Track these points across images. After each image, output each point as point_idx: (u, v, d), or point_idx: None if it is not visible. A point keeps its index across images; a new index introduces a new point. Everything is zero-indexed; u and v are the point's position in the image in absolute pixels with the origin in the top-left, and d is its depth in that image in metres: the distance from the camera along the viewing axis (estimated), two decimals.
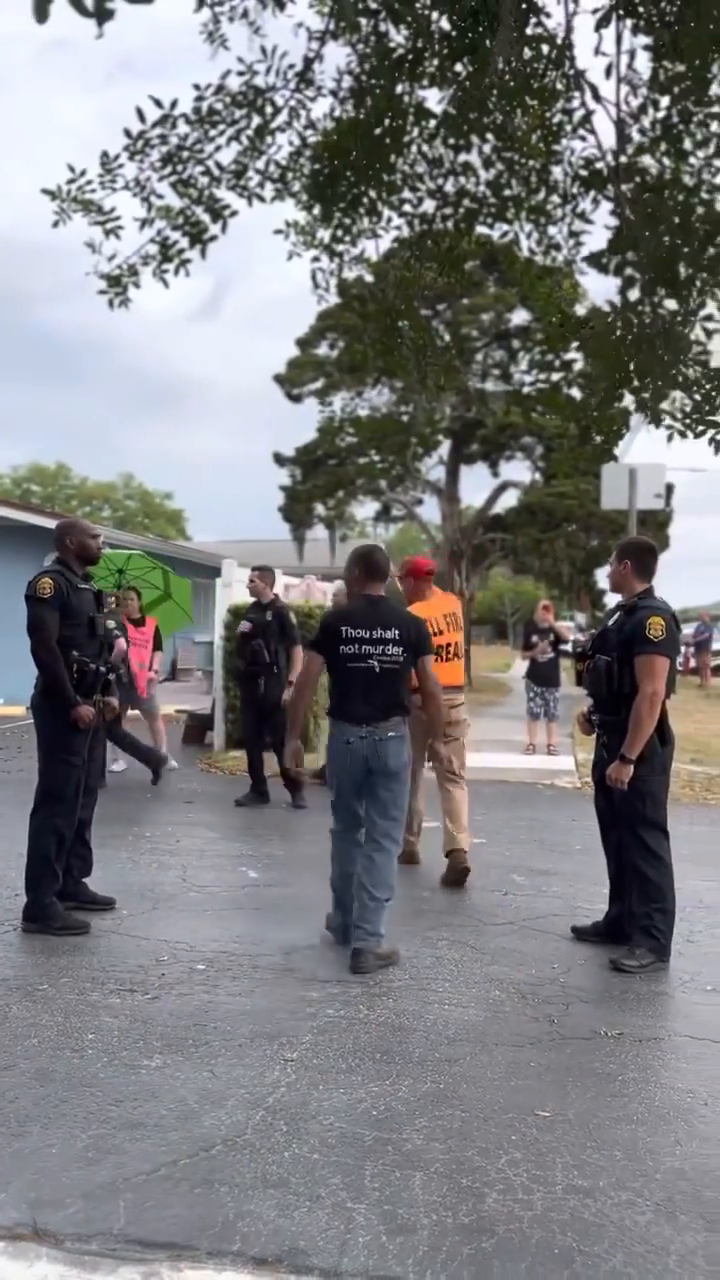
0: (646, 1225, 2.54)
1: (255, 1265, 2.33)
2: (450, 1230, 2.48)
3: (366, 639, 4.72)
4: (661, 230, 3.82)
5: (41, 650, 4.83)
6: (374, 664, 4.71)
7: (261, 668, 8.38)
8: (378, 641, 4.72)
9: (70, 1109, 3.08)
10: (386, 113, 4.36)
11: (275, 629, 8.39)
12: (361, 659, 4.71)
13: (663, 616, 4.58)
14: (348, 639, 4.73)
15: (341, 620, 4.81)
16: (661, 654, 4.54)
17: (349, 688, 4.75)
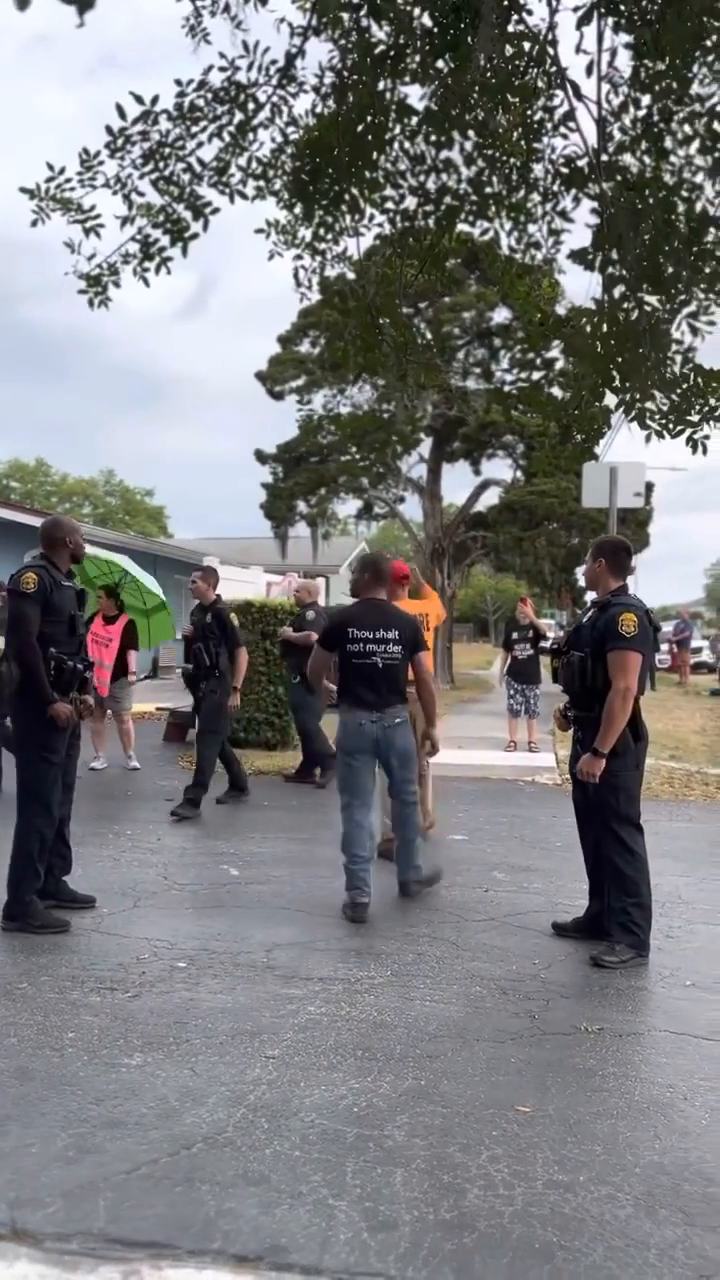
0: (626, 1219, 2.55)
1: (236, 1263, 2.32)
2: (431, 1226, 2.49)
3: (370, 639, 5.38)
4: (644, 228, 3.84)
5: (22, 646, 4.80)
6: (377, 660, 5.38)
7: (203, 671, 8.11)
8: (380, 640, 5.39)
9: (50, 1108, 3.07)
10: (368, 109, 4.35)
11: (216, 631, 8.11)
12: (366, 656, 5.38)
13: (635, 613, 4.66)
14: (354, 639, 5.39)
15: (348, 622, 5.48)
16: (633, 650, 4.61)
17: (356, 680, 5.41)
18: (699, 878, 6.33)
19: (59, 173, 4.56)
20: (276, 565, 20.30)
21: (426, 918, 5.26)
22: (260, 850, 6.74)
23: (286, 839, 7.10)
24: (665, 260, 3.88)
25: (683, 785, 9.85)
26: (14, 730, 5.00)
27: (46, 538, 5.11)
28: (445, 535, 24.50)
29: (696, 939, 5.06)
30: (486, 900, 5.66)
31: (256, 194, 4.90)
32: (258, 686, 11.16)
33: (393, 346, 4.83)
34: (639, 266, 3.86)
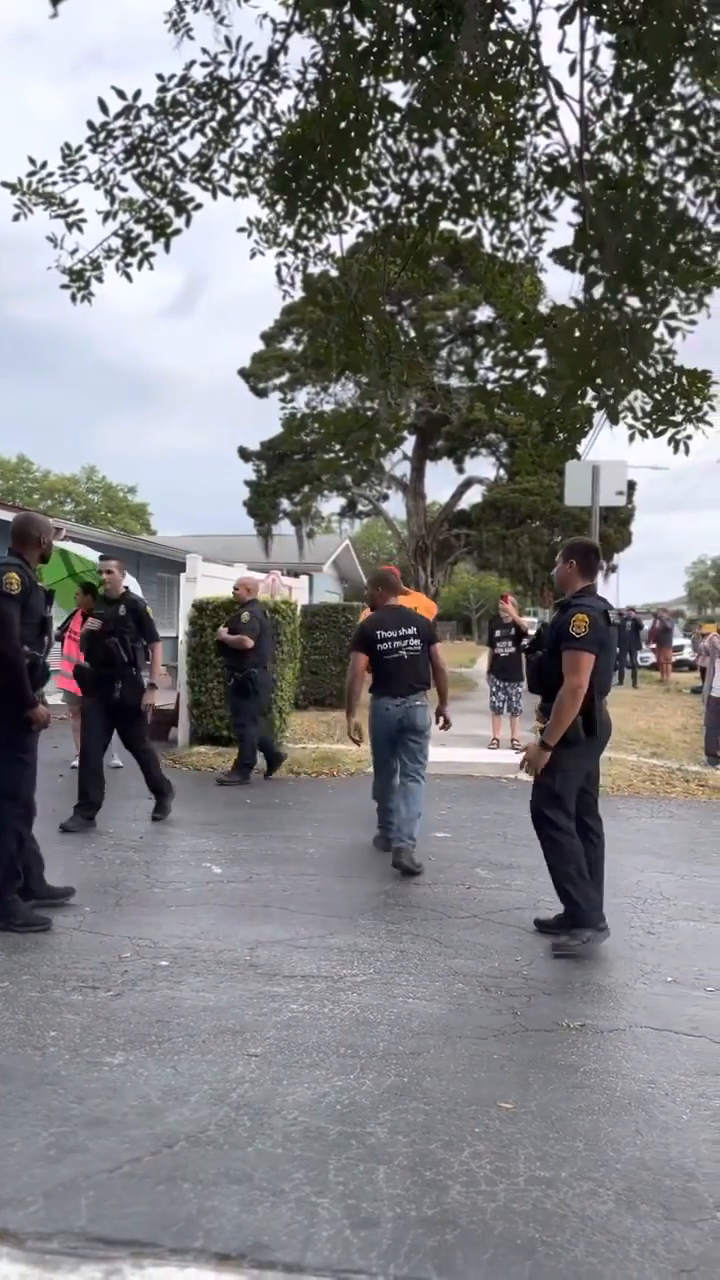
0: (608, 1215, 2.57)
1: (219, 1262, 2.32)
2: (414, 1223, 2.49)
3: (395, 637, 6.54)
4: (625, 227, 3.84)
5: (8, 647, 4.76)
6: (403, 654, 6.52)
7: (117, 668, 7.44)
8: (404, 637, 6.54)
9: (31, 1107, 3.05)
10: (351, 106, 4.34)
11: (131, 624, 7.60)
12: (393, 651, 6.52)
13: (588, 614, 4.79)
14: (381, 639, 6.55)
15: (375, 626, 6.64)
16: (583, 649, 4.76)
17: (387, 673, 6.52)
18: (680, 874, 6.36)
19: (41, 167, 4.53)
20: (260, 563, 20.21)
21: (409, 915, 5.26)
22: (243, 848, 6.73)
23: (269, 837, 7.10)
24: (645, 260, 3.89)
25: (664, 782, 9.90)
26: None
27: (20, 534, 5.03)
28: (429, 533, 24.54)
29: (678, 935, 5.09)
30: (469, 897, 5.68)
31: (239, 191, 4.88)
32: None
33: (375, 344, 4.82)
34: (619, 266, 3.87)
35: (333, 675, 15.97)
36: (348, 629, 16.12)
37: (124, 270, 4.81)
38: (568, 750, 4.86)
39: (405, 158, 4.58)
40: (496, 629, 12.36)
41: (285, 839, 7.07)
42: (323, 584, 31.76)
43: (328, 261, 5.21)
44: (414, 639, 6.55)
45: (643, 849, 7.06)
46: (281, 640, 11.33)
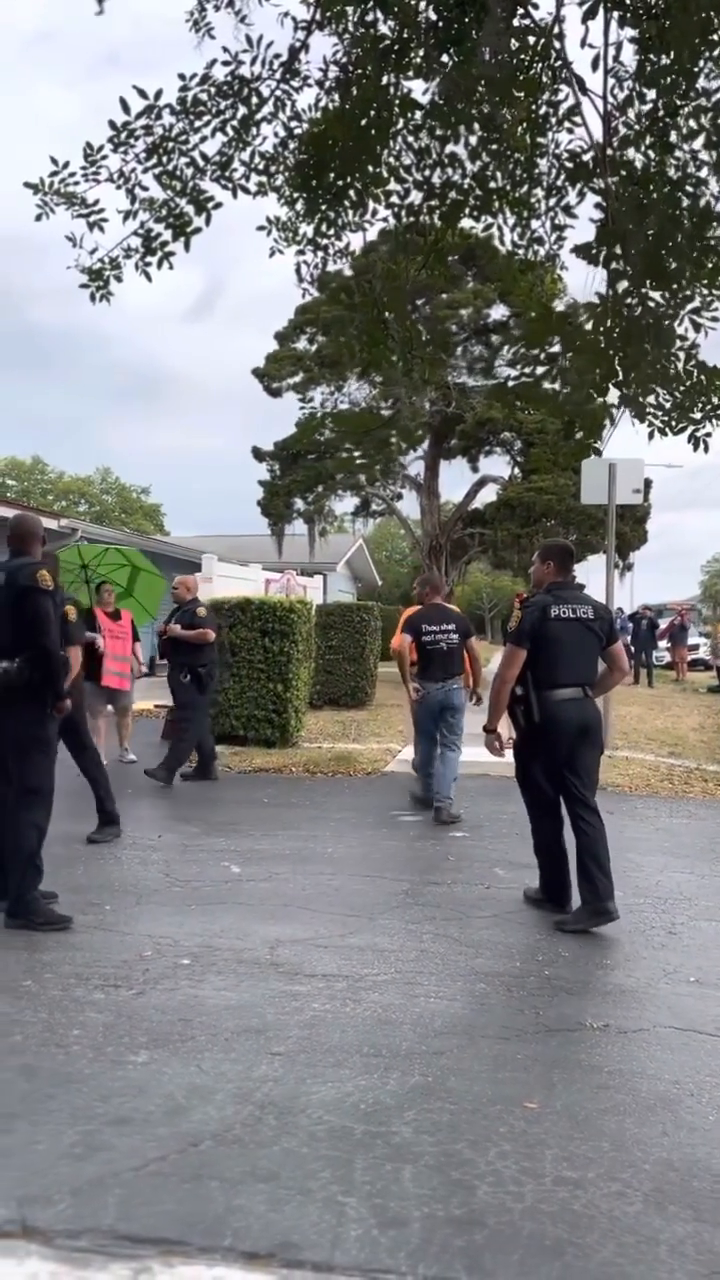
0: (636, 1216, 2.55)
1: (247, 1260, 2.32)
2: (442, 1223, 2.48)
3: (438, 630, 7.86)
4: (648, 223, 3.82)
5: (48, 640, 4.84)
6: (443, 644, 7.83)
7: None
8: (444, 631, 7.86)
9: (57, 1105, 3.06)
10: (373, 103, 4.33)
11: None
12: (436, 642, 7.83)
13: (524, 610, 5.32)
14: (426, 632, 7.84)
15: (422, 619, 7.94)
16: (511, 642, 5.33)
17: (429, 660, 7.84)
18: (701, 874, 6.33)
19: (63, 167, 4.54)
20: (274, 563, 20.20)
21: (429, 914, 5.25)
22: (260, 847, 6.74)
23: (287, 836, 7.09)
24: (669, 256, 3.86)
25: (682, 782, 9.85)
26: (18, 730, 4.94)
27: (26, 533, 5.10)
28: (442, 532, 24.50)
29: (700, 935, 5.06)
30: (488, 897, 5.66)
31: (259, 189, 4.88)
32: (256, 684, 11.17)
33: (398, 341, 4.81)
34: (643, 262, 3.84)
35: (347, 675, 15.97)
36: (362, 629, 16.12)
37: (144, 270, 4.82)
38: (521, 739, 5.44)
39: (427, 155, 4.57)
40: None
41: (303, 838, 7.07)
42: (336, 583, 31.77)
43: (347, 260, 5.21)
44: (453, 633, 7.89)
45: (662, 849, 7.03)
46: (298, 639, 11.34)
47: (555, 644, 5.20)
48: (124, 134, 4.58)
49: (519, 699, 5.28)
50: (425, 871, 6.23)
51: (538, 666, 5.19)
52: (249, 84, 4.63)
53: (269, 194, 4.89)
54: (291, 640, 11.20)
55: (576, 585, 5.51)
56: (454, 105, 4.17)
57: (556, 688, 5.19)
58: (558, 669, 5.21)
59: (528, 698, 5.22)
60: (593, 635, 5.31)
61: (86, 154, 4.52)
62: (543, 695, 5.18)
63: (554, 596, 5.29)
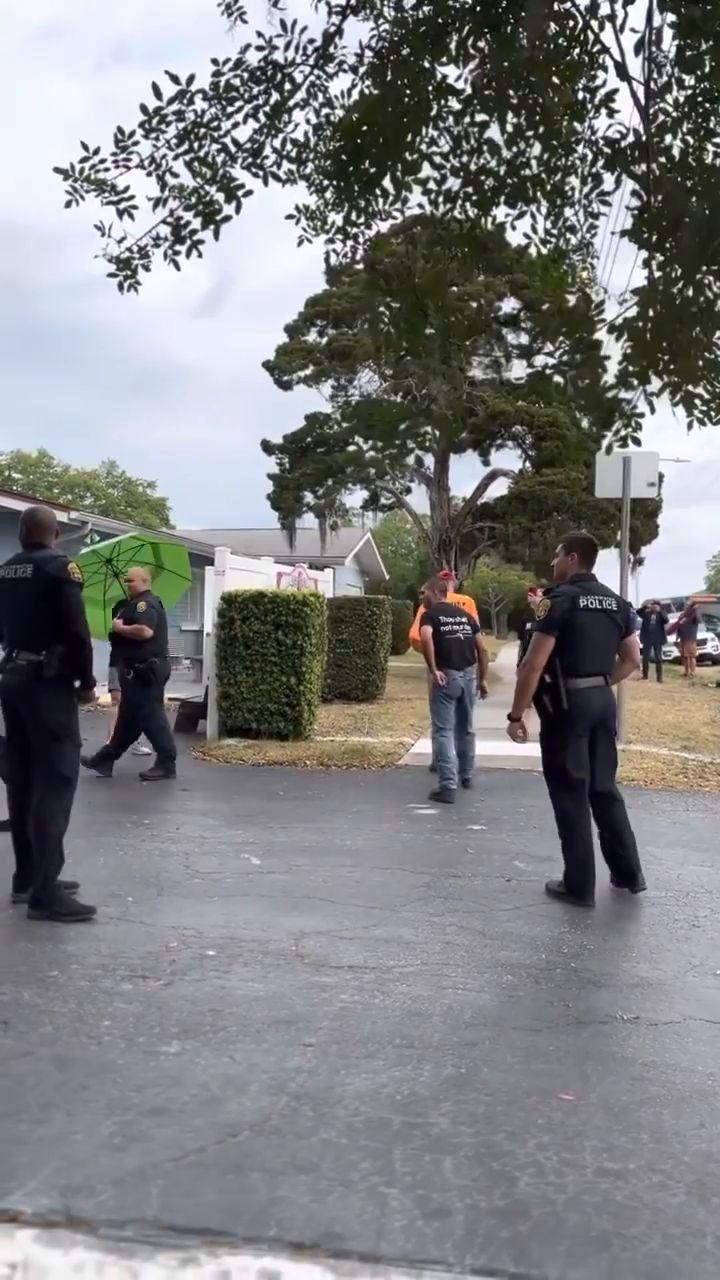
0: (680, 1207, 2.54)
1: (294, 1250, 2.31)
2: (485, 1214, 2.47)
3: (454, 622, 8.88)
4: (696, 207, 3.78)
5: (82, 629, 4.92)
6: (460, 635, 8.83)
7: None
8: (458, 624, 8.89)
9: (92, 1095, 3.05)
10: (409, 89, 4.29)
11: None
12: (453, 633, 8.80)
13: (552, 599, 5.44)
14: (443, 624, 8.80)
15: (440, 612, 8.90)
16: (539, 631, 5.41)
17: (447, 648, 8.71)
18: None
19: (94, 153, 4.51)
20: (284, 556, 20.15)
21: (452, 907, 5.24)
22: (279, 840, 6.73)
23: (304, 829, 7.09)
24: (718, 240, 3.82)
25: (697, 776, 9.83)
26: (49, 719, 4.95)
27: (42, 525, 5.13)
28: (452, 526, 24.44)
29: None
30: (510, 890, 5.65)
31: (289, 177, 4.86)
32: (269, 677, 11.16)
33: (437, 329, 4.79)
34: (692, 245, 3.81)
35: (358, 669, 15.95)
36: (373, 622, 16.09)
37: (172, 259, 4.79)
38: (547, 726, 5.50)
39: (465, 140, 4.53)
40: (527, 621, 12.31)
41: (320, 831, 7.06)
42: (344, 577, 31.74)
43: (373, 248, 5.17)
44: (466, 626, 8.96)
45: (681, 842, 7.01)
46: (311, 633, 11.33)
47: (582, 633, 5.36)
48: (155, 119, 4.55)
49: (547, 686, 5.38)
50: (445, 864, 6.22)
51: (565, 655, 5.33)
52: (282, 69, 4.59)
53: (299, 182, 4.87)
54: (304, 633, 11.19)
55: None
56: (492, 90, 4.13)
57: (581, 675, 5.36)
58: (583, 658, 5.37)
59: (556, 685, 5.34)
60: (614, 626, 5.52)
61: (118, 139, 4.48)
62: (570, 683, 5.34)
63: (580, 588, 5.45)
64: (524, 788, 9.15)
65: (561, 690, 5.33)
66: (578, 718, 5.38)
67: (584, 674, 5.37)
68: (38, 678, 4.88)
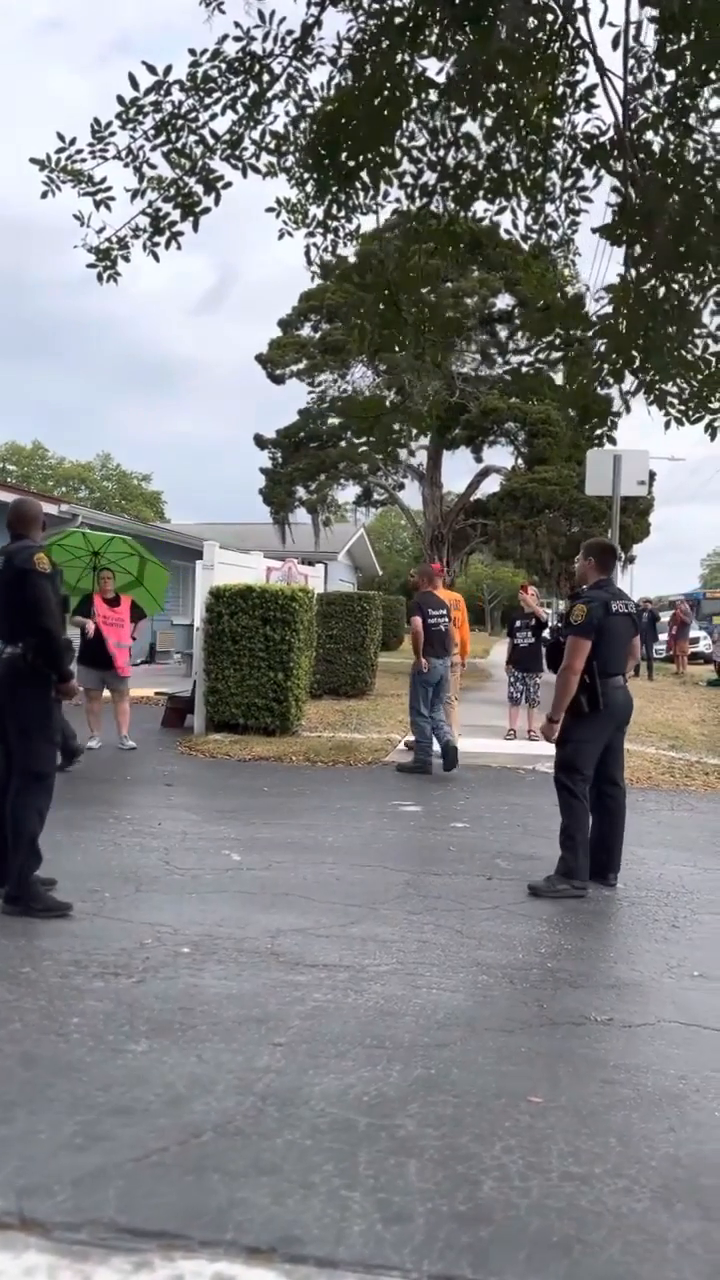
0: (643, 1213, 2.52)
1: (249, 1254, 2.28)
2: (446, 1218, 2.45)
3: (436, 615, 9.61)
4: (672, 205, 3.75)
5: (49, 622, 4.81)
6: (441, 626, 9.58)
7: None
8: (441, 617, 9.62)
9: (56, 1094, 3.02)
10: (387, 82, 4.25)
11: None
12: (437, 625, 9.56)
13: (587, 604, 5.53)
14: (429, 615, 9.54)
15: (424, 605, 9.62)
16: (577, 635, 5.49)
17: (431, 638, 9.49)
18: (703, 867, 6.30)
19: (70, 143, 4.46)
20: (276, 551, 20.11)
21: (430, 905, 5.22)
22: (261, 836, 6.70)
23: (287, 825, 7.06)
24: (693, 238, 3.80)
25: (683, 775, 9.82)
26: (21, 713, 4.91)
27: (27, 517, 5.07)
28: (445, 522, 24.41)
29: (702, 929, 5.03)
30: (490, 888, 5.63)
31: (269, 170, 4.81)
32: (257, 672, 11.11)
33: (411, 323, 4.75)
34: (666, 242, 3.78)
35: (348, 664, 15.91)
36: (363, 618, 16.05)
37: (151, 250, 4.75)
38: (577, 723, 5.60)
39: (441, 134, 4.48)
40: (516, 619, 12.29)
41: (303, 827, 7.03)
42: (337, 572, 31.69)
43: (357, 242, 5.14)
44: (445, 617, 9.66)
45: (664, 842, 7.00)
46: (299, 628, 11.29)
47: (613, 636, 5.61)
48: (132, 110, 4.50)
49: (584, 687, 5.54)
50: (426, 862, 6.20)
51: (599, 656, 5.52)
52: (260, 61, 4.54)
53: (279, 175, 4.82)
54: (292, 628, 11.15)
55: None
56: (470, 83, 4.09)
57: (611, 676, 5.60)
58: (612, 659, 5.62)
59: (594, 686, 5.51)
60: (633, 628, 5.85)
61: (94, 130, 4.44)
62: (604, 683, 5.55)
63: (609, 593, 5.70)
64: (508, 785, 9.15)
65: (598, 690, 5.52)
66: (611, 715, 5.64)
67: (613, 674, 5.61)
68: (14, 670, 4.83)
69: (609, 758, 5.80)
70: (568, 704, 5.57)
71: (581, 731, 5.63)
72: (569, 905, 5.35)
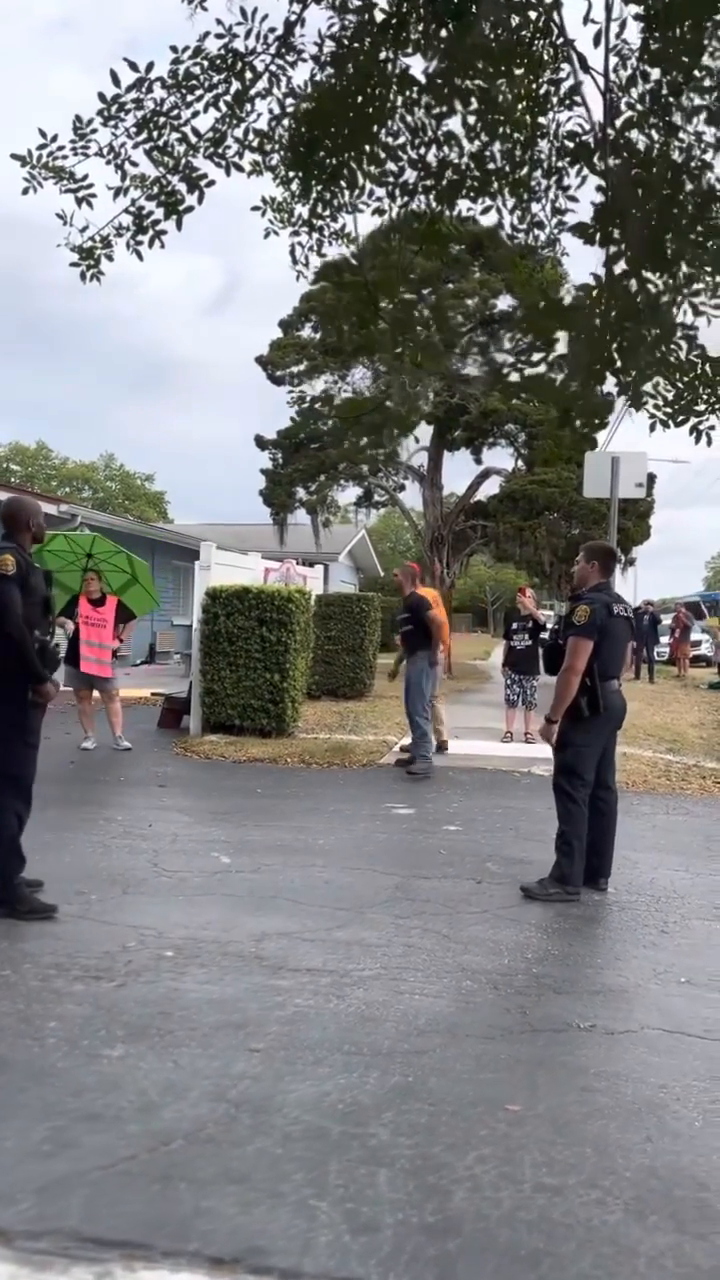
0: (615, 1225, 2.48)
1: (212, 1265, 2.25)
2: (415, 1230, 2.41)
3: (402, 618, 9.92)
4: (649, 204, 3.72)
5: (11, 627, 4.71)
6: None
7: None
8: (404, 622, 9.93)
9: (28, 1099, 2.99)
10: (369, 79, 4.22)
11: None
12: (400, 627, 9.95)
13: (590, 605, 5.49)
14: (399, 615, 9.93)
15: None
16: (579, 636, 5.45)
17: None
18: (695, 872, 6.26)
19: (51, 140, 4.43)
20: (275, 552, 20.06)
21: (418, 909, 5.18)
22: (251, 838, 6.67)
23: (279, 827, 7.03)
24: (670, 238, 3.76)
25: (679, 779, 9.77)
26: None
27: (10, 517, 5.01)
28: (445, 524, 24.36)
29: (692, 934, 4.99)
30: (479, 892, 5.59)
31: (253, 168, 4.78)
32: (253, 673, 11.08)
33: (390, 324, 4.72)
34: (641, 242, 3.74)
35: (346, 666, 15.87)
36: (362, 619, 16.01)
37: (135, 248, 4.72)
38: (577, 727, 5.54)
39: (423, 132, 4.45)
40: (513, 621, 12.24)
41: (295, 829, 7.00)
42: (338, 574, 31.65)
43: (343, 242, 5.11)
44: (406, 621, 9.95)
45: (657, 846, 6.96)
46: (296, 629, 11.26)
47: (613, 639, 5.59)
48: (114, 107, 4.47)
49: (585, 689, 5.51)
50: (416, 865, 6.16)
51: (599, 659, 5.50)
52: (243, 58, 4.51)
53: (264, 173, 4.79)
54: (289, 630, 11.12)
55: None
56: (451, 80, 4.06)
57: (609, 679, 5.58)
58: (611, 662, 5.59)
59: (594, 688, 5.49)
60: (631, 632, 5.85)
61: (75, 127, 4.41)
62: (603, 686, 5.53)
63: (610, 596, 5.68)
64: (503, 788, 9.10)
65: (598, 693, 5.50)
66: (609, 719, 5.62)
67: (610, 677, 5.60)
68: None
69: (601, 762, 5.77)
70: (566, 706, 5.54)
71: (581, 736, 5.59)
72: (558, 910, 5.31)
